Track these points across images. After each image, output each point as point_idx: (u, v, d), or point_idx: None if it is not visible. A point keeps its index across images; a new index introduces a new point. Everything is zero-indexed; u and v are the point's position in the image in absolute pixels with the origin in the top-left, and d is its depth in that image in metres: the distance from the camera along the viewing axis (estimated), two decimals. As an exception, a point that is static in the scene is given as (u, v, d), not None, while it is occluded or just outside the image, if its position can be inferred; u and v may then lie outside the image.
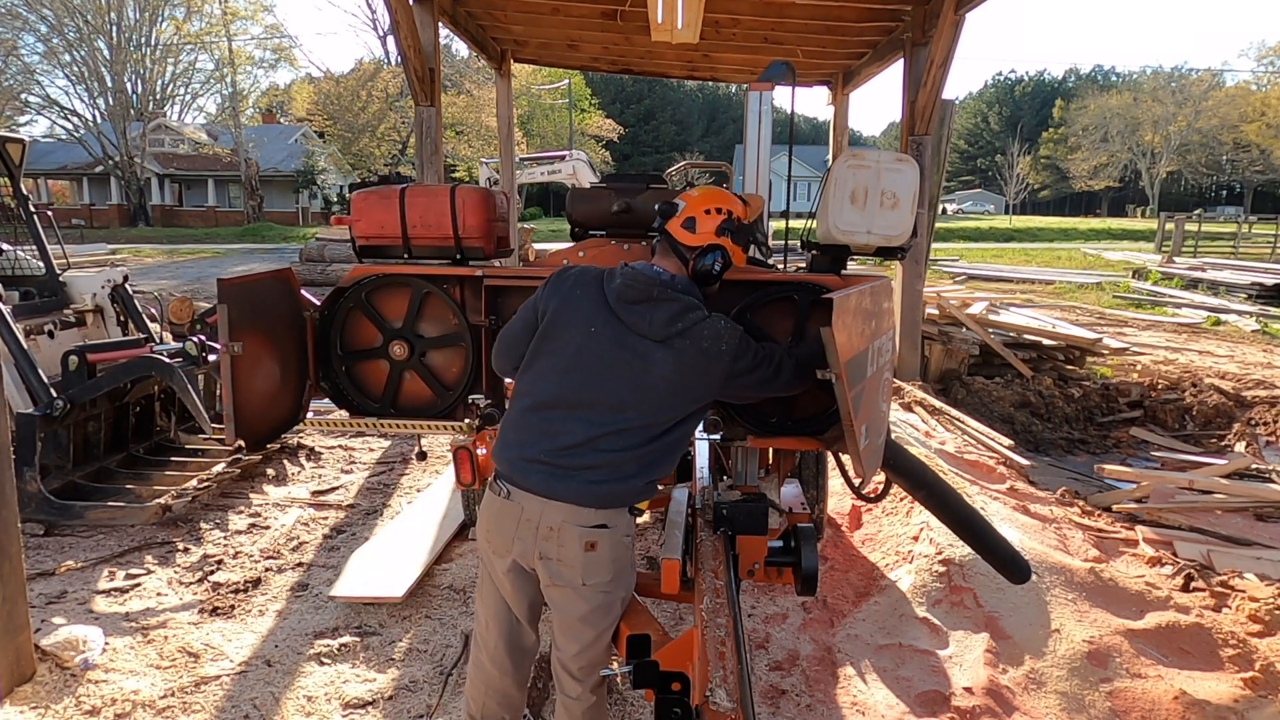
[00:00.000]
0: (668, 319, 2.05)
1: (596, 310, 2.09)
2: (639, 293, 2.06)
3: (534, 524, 2.04)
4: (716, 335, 2.07)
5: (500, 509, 2.08)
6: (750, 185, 2.74)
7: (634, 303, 2.06)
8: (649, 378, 2.04)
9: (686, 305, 2.08)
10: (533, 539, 2.04)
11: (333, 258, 15.39)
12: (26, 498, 4.18)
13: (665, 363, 2.04)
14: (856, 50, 8.88)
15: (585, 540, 2.03)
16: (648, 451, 2.07)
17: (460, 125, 34.45)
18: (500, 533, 2.09)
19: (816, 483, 3.98)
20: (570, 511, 2.02)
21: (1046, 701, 2.89)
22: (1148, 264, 19.56)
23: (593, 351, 2.06)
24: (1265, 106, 52.61)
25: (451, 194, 2.71)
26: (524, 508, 2.04)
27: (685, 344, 2.04)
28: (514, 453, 2.07)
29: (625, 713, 2.92)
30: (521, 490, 2.05)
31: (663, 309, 2.05)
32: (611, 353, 2.05)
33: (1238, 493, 5.11)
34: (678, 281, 2.13)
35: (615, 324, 2.07)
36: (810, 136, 63.19)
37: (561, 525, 2.02)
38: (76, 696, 2.94)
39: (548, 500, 2.02)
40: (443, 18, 7.11)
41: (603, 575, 2.07)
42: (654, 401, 2.05)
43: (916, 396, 6.70)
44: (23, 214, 5.75)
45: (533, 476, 2.04)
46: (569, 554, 2.03)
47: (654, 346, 2.05)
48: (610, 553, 2.07)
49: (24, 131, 33.55)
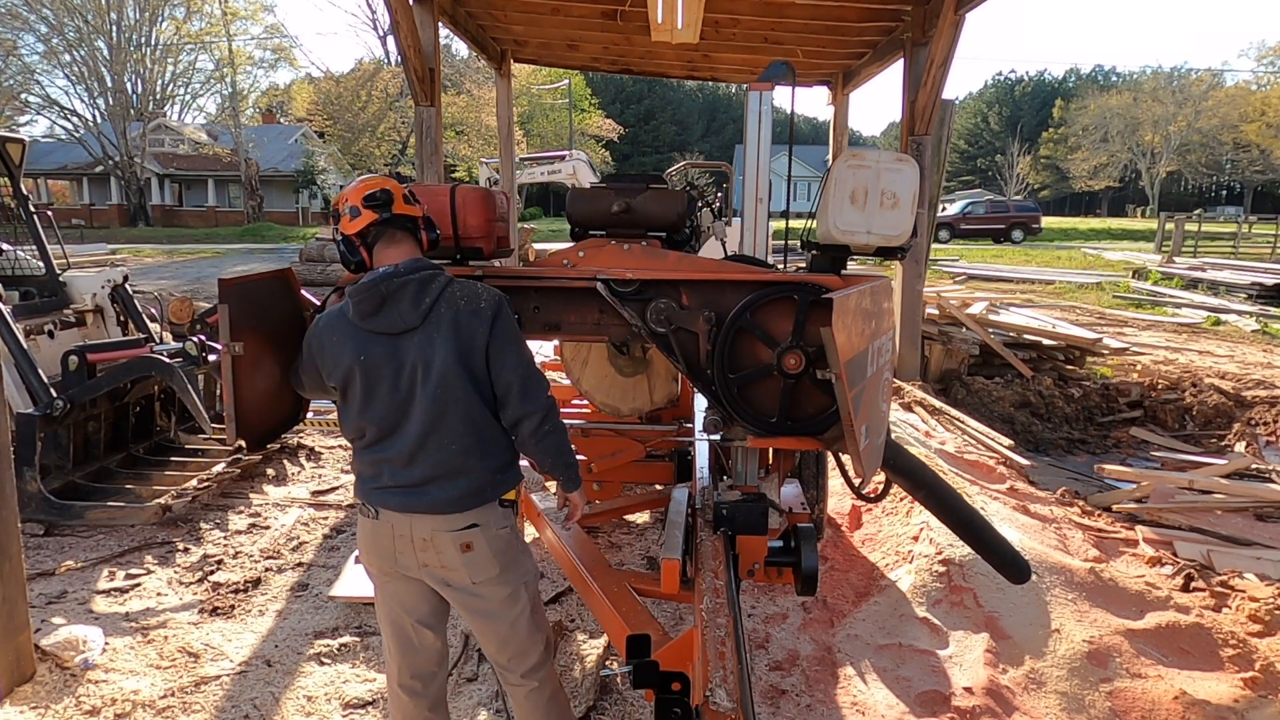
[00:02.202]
0: (413, 300, 2.03)
1: (357, 341, 2.06)
2: (370, 300, 2.03)
3: (407, 538, 2.08)
4: (473, 294, 2.09)
5: (373, 529, 2.12)
6: (750, 185, 2.73)
7: (374, 313, 2.04)
8: (434, 368, 2.02)
9: (423, 279, 2.06)
10: (411, 552, 2.09)
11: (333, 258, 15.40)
12: (26, 498, 4.18)
13: (438, 341, 2.02)
14: (856, 50, 8.88)
15: (459, 543, 2.07)
16: (478, 435, 2.08)
17: (460, 125, 34.46)
18: (379, 552, 2.13)
19: (816, 483, 3.97)
20: (437, 520, 2.06)
21: (1046, 701, 2.89)
22: (1148, 264, 19.54)
23: (379, 376, 2.05)
24: (1265, 106, 52.57)
25: (451, 194, 2.71)
26: (393, 525, 2.08)
27: (442, 311, 2.04)
28: (369, 485, 2.12)
29: (625, 713, 2.92)
30: (387, 510, 2.09)
31: (402, 297, 2.03)
32: (394, 367, 2.04)
33: (1238, 493, 5.11)
34: (401, 266, 2.08)
35: (379, 340, 2.05)
36: (810, 136, 63.18)
37: (432, 535, 2.07)
38: (76, 696, 2.94)
39: (412, 515, 2.07)
40: (443, 18, 7.11)
41: (489, 571, 2.11)
42: (453, 390, 2.03)
43: (916, 396, 6.70)
44: (23, 214, 5.75)
45: (390, 499, 2.08)
46: (448, 559, 2.08)
47: (419, 334, 2.03)
48: (489, 548, 2.10)
49: (24, 131, 33.55)
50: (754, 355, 2.52)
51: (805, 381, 2.50)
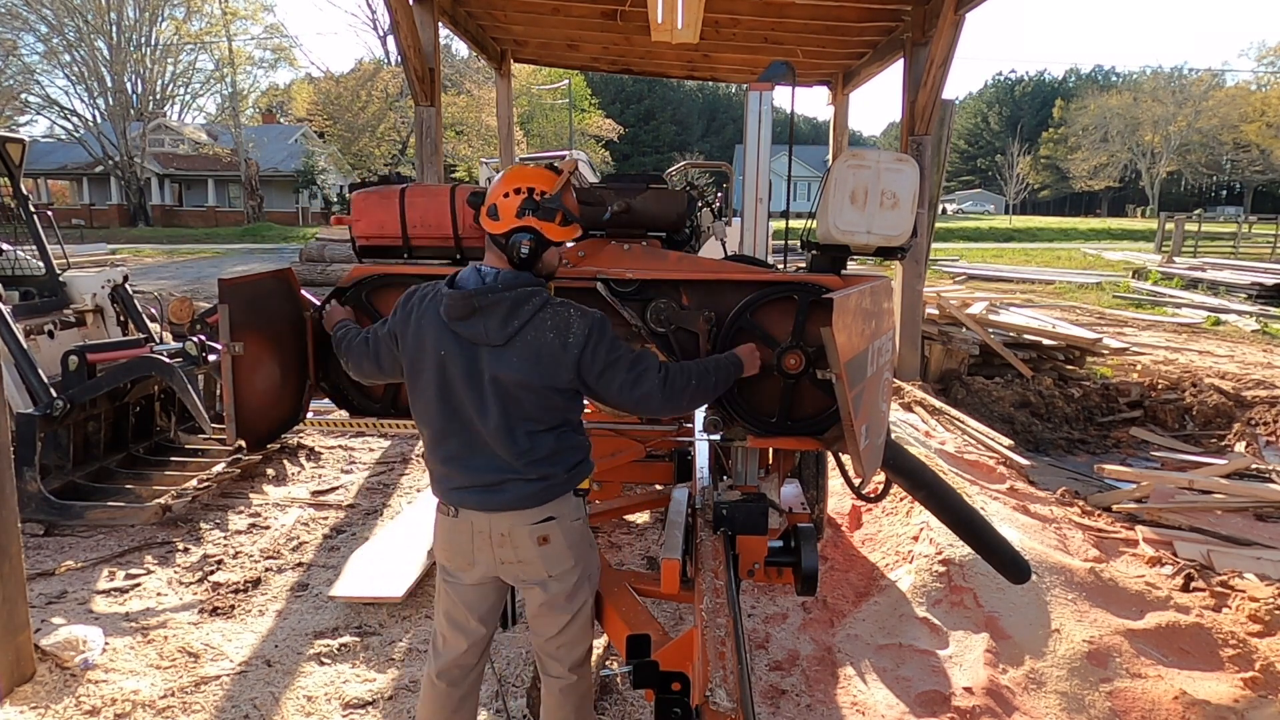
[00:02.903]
0: (502, 320, 2.01)
1: (440, 334, 2.06)
2: (463, 307, 2.02)
3: (486, 535, 2.10)
4: (563, 324, 2.04)
5: (452, 527, 2.14)
6: (750, 185, 2.73)
7: (463, 319, 2.03)
8: (502, 384, 2.02)
9: (516, 299, 2.03)
10: (489, 548, 2.11)
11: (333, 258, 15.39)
12: (26, 498, 4.18)
13: (516, 365, 2.01)
14: (856, 50, 8.88)
15: (536, 536, 2.09)
16: (549, 446, 2.09)
17: (460, 125, 34.47)
18: (458, 550, 2.15)
19: (816, 483, 3.97)
20: (514, 516, 2.08)
21: (1046, 701, 2.89)
22: (1148, 264, 19.55)
23: (451, 374, 2.05)
24: (1265, 106, 52.60)
25: (451, 194, 2.71)
26: (473, 523, 2.10)
27: (528, 338, 2.02)
28: (445, 485, 2.14)
29: (625, 713, 2.92)
30: (466, 509, 2.11)
31: (493, 314, 2.01)
32: (466, 371, 2.04)
33: (1238, 493, 5.11)
34: (502, 278, 2.05)
35: (458, 341, 2.05)
36: (810, 136, 63.18)
37: (511, 530, 2.09)
38: (76, 696, 2.94)
39: (490, 513, 2.09)
40: (443, 18, 7.11)
41: (564, 563, 2.15)
42: (521, 405, 2.04)
43: (916, 396, 6.70)
44: (23, 214, 5.75)
45: (468, 498, 2.10)
46: (525, 554, 2.10)
47: (500, 352, 2.02)
48: (564, 540, 2.13)
49: (24, 131, 33.55)
50: None
51: (805, 381, 2.50)
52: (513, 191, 2.07)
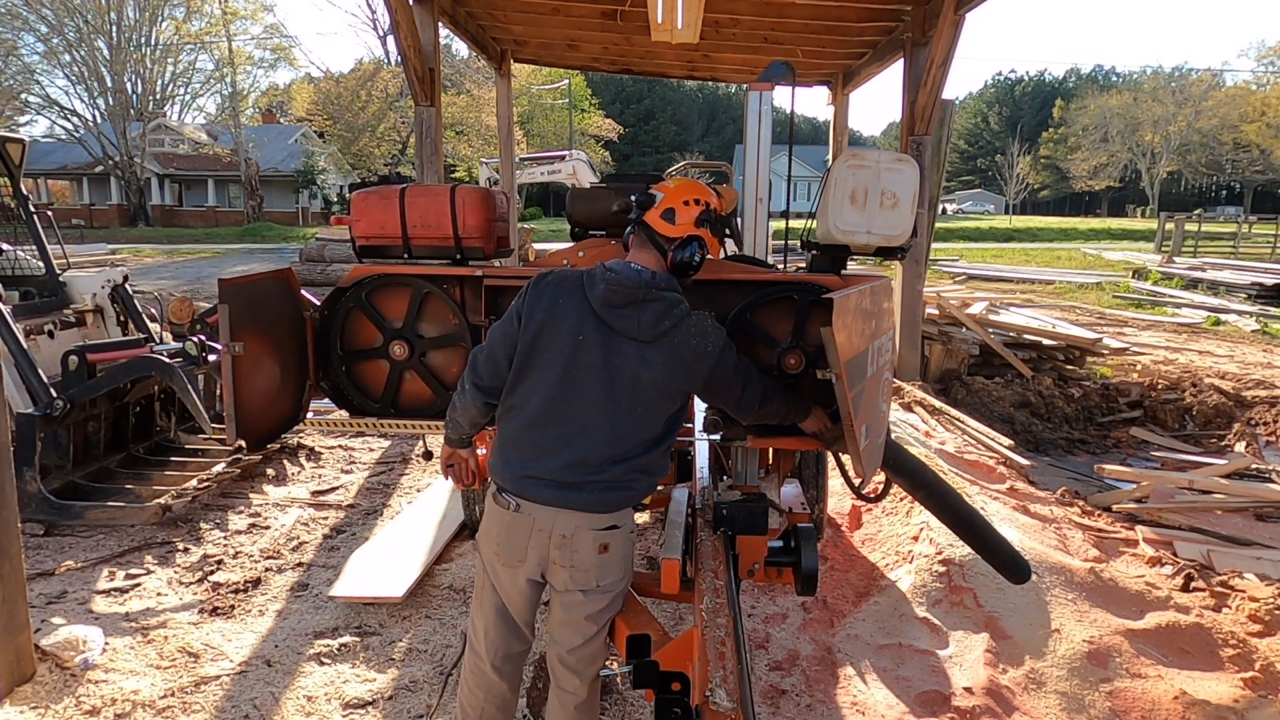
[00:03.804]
0: (655, 318, 2.03)
1: (582, 318, 2.04)
2: (626, 296, 2.03)
3: (546, 533, 2.04)
4: (704, 331, 2.09)
5: (511, 522, 2.07)
6: (750, 185, 2.73)
7: (620, 307, 2.03)
8: (641, 381, 2.03)
9: (671, 302, 2.07)
10: (545, 548, 2.05)
11: (333, 258, 15.36)
12: (26, 498, 4.18)
13: (655, 363, 2.03)
14: (856, 50, 8.88)
15: (599, 543, 2.05)
16: (649, 457, 2.09)
17: (460, 125, 34.48)
18: (512, 546, 2.08)
19: (816, 483, 3.98)
20: (583, 519, 2.04)
21: (1046, 701, 2.89)
22: (1148, 264, 19.55)
23: (584, 361, 2.03)
24: (1265, 106, 52.59)
25: (451, 194, 2.71)
26: (535, 519, 2.04)
27: (674, 341, 2.04)
28: (518, 470, 2.06)
29: (625, 713, 2.92)
30: (532, 503, 2.04)
31: (649, 309, 2.04)
32: (603, 360, 2.03)
33: (1238, 493, 5.11)
34: (659, 279, 2.09)
35: (602, 330, 2.04)
36: (810, 136, 63.19)
37: (575, 532, 2.04)
38: (76, 696, 2.94)
39: (560, 510, 2.03)
40: (443, 18, 7.12)
41: (614, 574, 2.12)
42: (648, 404, 2.05)
43: (916, 396, 6.70)
44: (23, 214, 5.75)
45: (542, 491, 2.03)
46: (583, 559, 2.05)
47: (643, 348, 2.03)
48: (620, 551, 2.12)
49: (24, 131, 33.56)
50: (754, 355, 2.52)
51: (805, 381, 2.50)
52: (692, 201, 2.13)
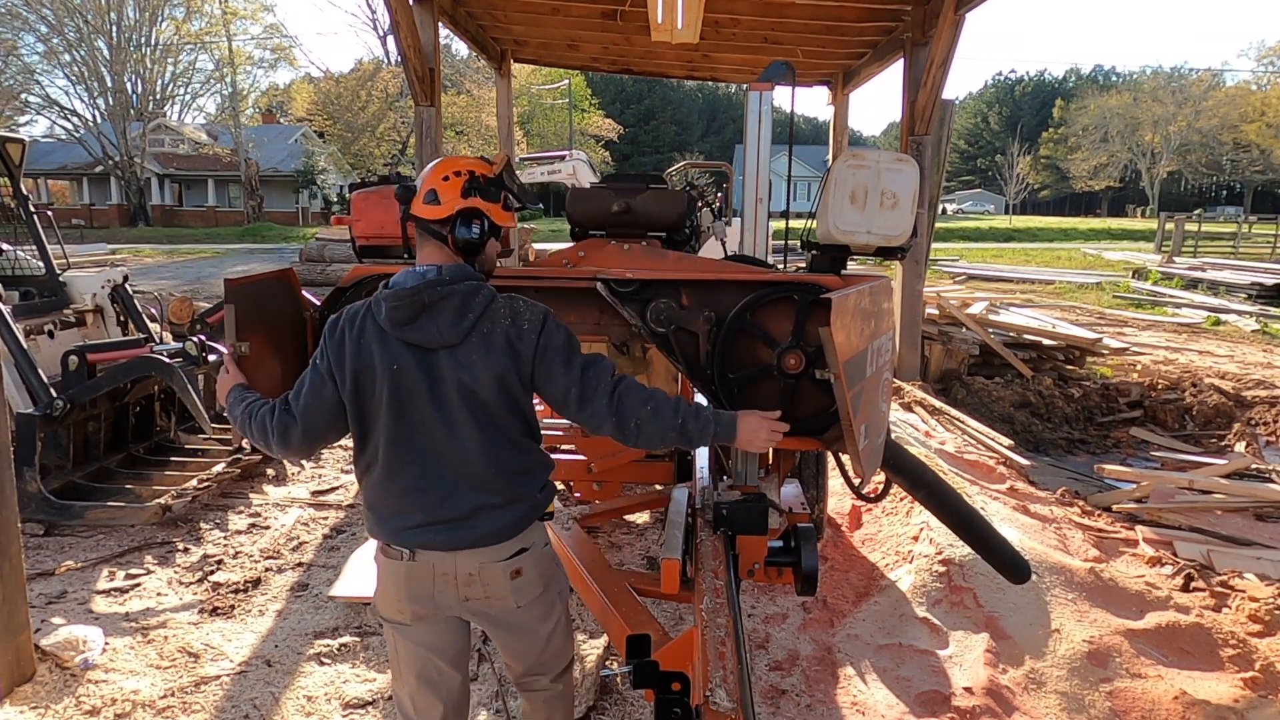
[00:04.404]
0: (454, 317, 1.83)
1: (385, 347, 1.84)
2: (409, 308, 1.82)
3: (450, 576, 1.89)
4: (515, 311, 1.89)
5: (408, 572, 1.89)
6: (750, 185, 2.73)
7: (411, 320, 1.82)
8: (469, 388, 1.84)
9: (467, 291, 1.85)
10: (453, 589, 1.90)
11: (333, 258, 15.35)
12: (26, 498, 4.18)
13: (474, 362, 1.84)
14: (856, 50, 8.89)
15: (509, 571, 1.91)
16: (522, 460, 1.94)
17: (460, 125, 34.50)
18: (414, 596, 1.91)
19: (816, 483, 3.98)
20: (485, 553, 1.89)
21: (1046, 701, 2.89)
22: (1148, 264, 19.55)
23: (407, 390, 1.84)
24: (1265, 106, 52.61)
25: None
26: (434, 565, 1.88)
27: (484, 331, 1.85)
28: (396, 524, 1.89)
29: (625, 713, 2.92)
30: (425, 550, 1.88)
31: (443, 310, 1.82)
32: (425, 382, 1.84)
33: (1238, 493, 5.11)
34: (445, 272, 1.86)
35: (411, 351, 1.84)
36: (810, 136, 63.20)
37: (481, 568, 1.89)
38: (76, 696, 2.94)
39: (457, 552, 1.88)
40: (443, 18, 7.12)
41: (533, 591, 1.98)
42: (490, 408, 1.86)
43: (916, 396, 6.71)
44: (23, 214, 5.75)
45: (430, 538, 1.87)
46: (495, 589, 1.91)
47: (456, 352, 1.84)
48: (535, 569, 1.97)
49: (24, 131, 33.56)
50: (754, 355, 2.52)
51: (805, 381, 2.50)
52: (451, 175, 1.91)
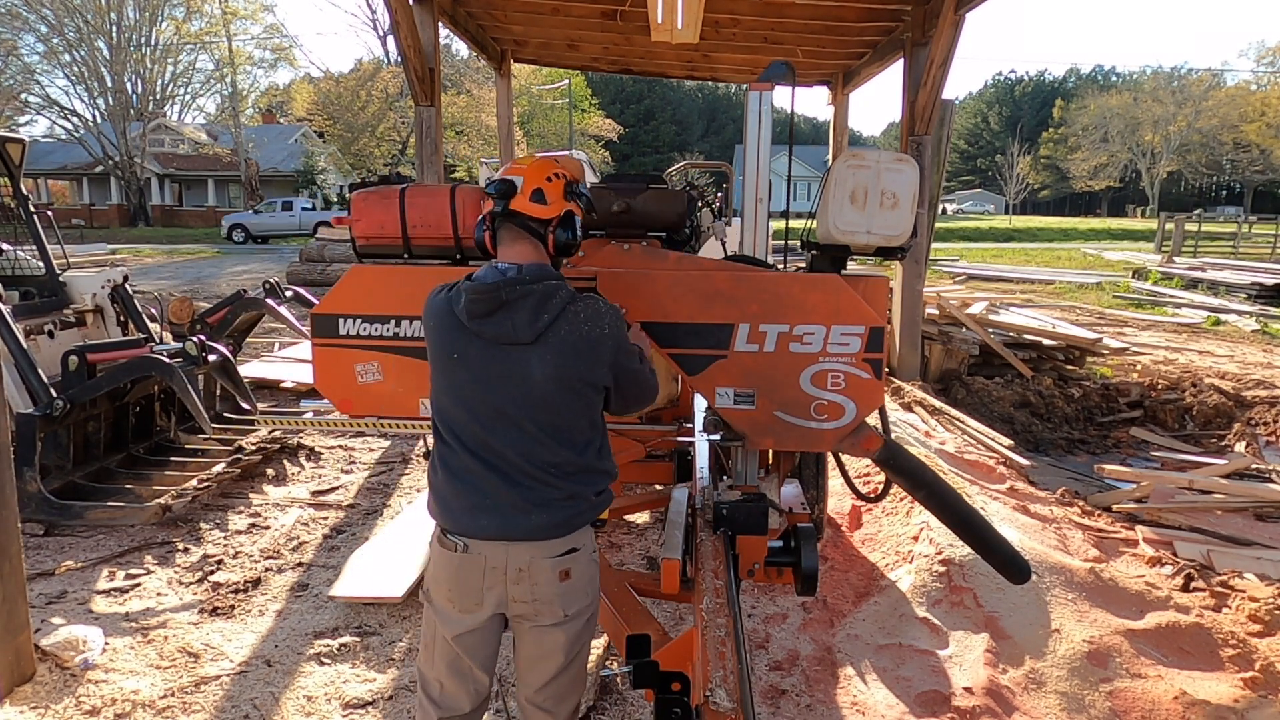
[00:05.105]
0: (531, 315, 1.85)
1: (453, 336, 1.89)
2: (487, 303, 1.85)
3: (501, 570, 1.89)
4: (596, 314, 1.91)
5: (461, 564, 1.91)
6: (750, 185, 2.73)
7: (486, 316, 1.85)
8: (538, 387, 1.86)
9: (546, 292, 1.87)
10: (502, 585, 1.90)
11: (333, 258, 15.34)
12: (26, 498, 4.18)
13: (547, 362, 1.85)
14: (856, 50, 8.89)
15: (559, 570, 1.91)
16: (584, 461, 1.94)
17: (460, 125, 34.47)
18: (466, 589, 1.92)
19: (816, 483, 3.98)
20: (537, 547, 1.89)
21: (1046, 701, 2.89)
22: (1148, 264, 19.55)
23: (465, 381, 1.88)
24: (1265, 106, 52.61)
25: (451, 194, 2.71)
26: (487, 556, 1.89)
27: (562, 333, 1.86)
28: (452, 512, 1.92)
29: (625, 713, 2.92)
30: (479, 540, 1.89)
31: (521, 308, 1.85)
32: (485, 377, 1.87)
33: (1238, 493, 5.11)
34: (526, 271, 1.89)
35: (478, 344, 1.87)
36: (810, 136, 63.22)
37: (531, 563, 1.89)
38: (76, 696, 2.94)
39: (510, 543, 1.88)
40: (443, 18, 7.12)
41: (581, 601, 1.97)
42: (555, 408, 1.88)
43: (916, 396, 6.71)
44: (23, 214, 5.75)
45: (486, 524, 1.88)
46: (544, 590, 1.91)
47: (528, 350, 1.85)
48: (584, 575, 1.97)
49: (24, 131, 33.57)
50: None
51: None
52: (554, 176, 1.95)
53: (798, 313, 2.46)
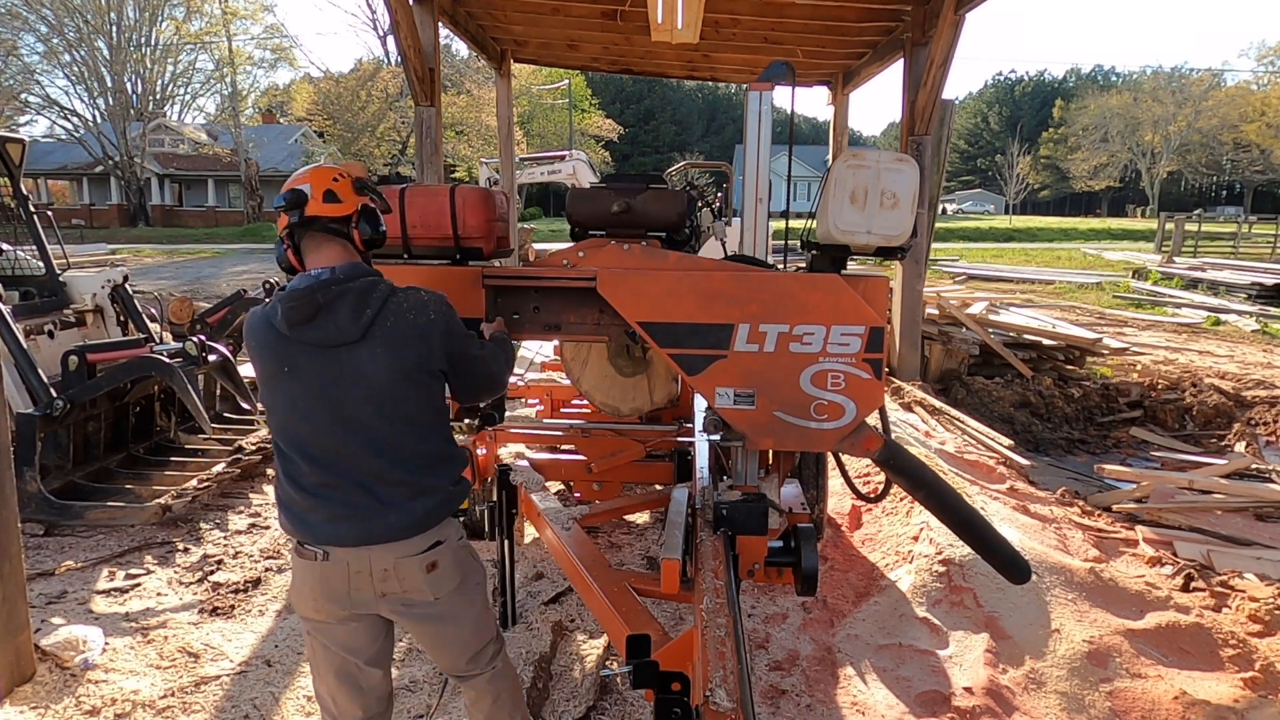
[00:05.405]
0: (352, 313, 1.85)
1: (279, 350, 1.88)
2: (305, 308, 1.84)
3: (365, 573, 1.91)
4: (420, 303, 1.95)
5: (323, 572, 1.91)
6: (750, 185, 2.73)
7: (307, 322, 1.84)
8: (375, 383, 1.87)
9: (364, 288, 1.89)
10: (369, 586, 1.92)
11: (333, 258, 15.23)
12: (26, 498, 4.17)
13: (379, 357, 1.87)
14: (856, 50, 8.89)
15: (424, 564, 1.94)
16: (432, 453, 1.98)
17: (460, 125, 34.46)
18: (331, 595, 1.93)
19: (816, 483, 3.98)
20: (400, 547, 1.91)
21: (1046, 701, 2.89)
22: (1148, 264, 19.55)
23: (300, 393, 1.88)
24: (1265, 106, 52.61)
25: (451, 194, 2.71)
26: (349, 562, 1.90)
27: (389, 324, 1.88)
28: (311, 519, 1.91)
29: (625, 713, 2.92)
30: (338, 548, 1.90)
31: (340, 307, 1.85)
32: (321, 383, 1.87)
33: (1238, 493, 5.11)
34: (339, 271, 1.89)
35: (306, 353, 1.87)
36: (810, 136, 63.21)
37: (395, 564, 1.91)
38: (76, 696, 2.94)
39: (370, 547, 1.89)
40: (443, 18, 7.12)
41: (450, 583, 2.01)
42: (397, 400, 1.89)
43: (916, 396, 6.71)
44: (23, 214, 5.75)
45: (346, 532, 1.89)
46: (412, 584, 1.94)
47: (358, 348, 1.86)
48: (451, 561, 2.01)
49: (24, 131, 33.56)
50: None
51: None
52: (340, 176, 1.98)
53: (798, 313, 2.45)
